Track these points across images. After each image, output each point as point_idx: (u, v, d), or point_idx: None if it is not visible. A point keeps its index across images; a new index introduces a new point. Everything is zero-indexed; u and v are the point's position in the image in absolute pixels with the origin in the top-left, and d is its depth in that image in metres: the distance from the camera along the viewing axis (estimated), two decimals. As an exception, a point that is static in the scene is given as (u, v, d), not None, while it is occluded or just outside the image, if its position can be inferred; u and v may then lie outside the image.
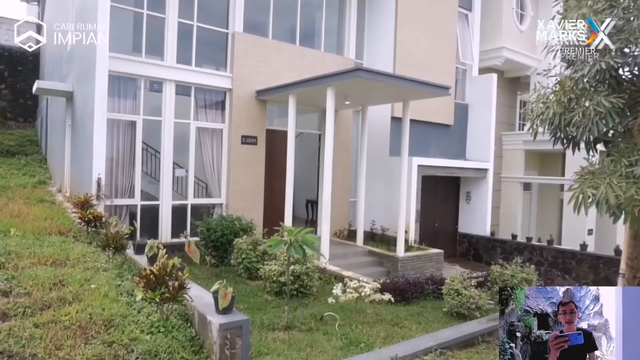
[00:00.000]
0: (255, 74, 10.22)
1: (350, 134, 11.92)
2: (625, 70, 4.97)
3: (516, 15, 15.29)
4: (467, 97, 13.92)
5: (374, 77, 8.25)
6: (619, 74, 4.91)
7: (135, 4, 9.25)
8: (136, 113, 9.20)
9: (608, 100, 4.56)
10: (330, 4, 12.00)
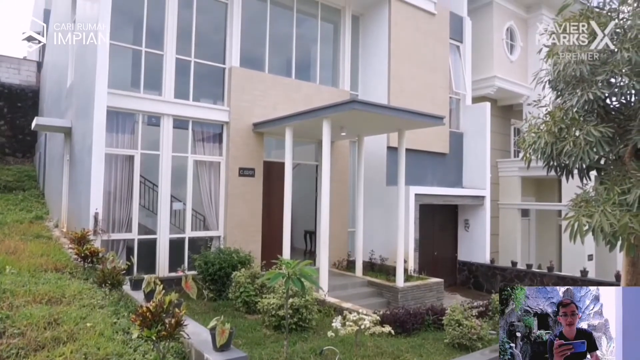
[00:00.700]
0: (252, 107, 10.37)
1: (346, 165, 12.01)
2: (612, 100, 5.09)
3: (506, 45, 15.68)
4: (461, 125, 14.10)
5: (368, 108, 8.38)
6: (606, 104, 5.03)
7: (134, 42, 9.47)
8: (134, 147, 9.27)
9: (597, 129, 4.65)
10: (325, 38, 12.31)
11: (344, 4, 12.33)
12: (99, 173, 8.29)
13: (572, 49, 4.82)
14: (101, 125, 8.31)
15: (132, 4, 9.48)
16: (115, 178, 9.07)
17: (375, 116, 8.80)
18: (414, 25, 12.54)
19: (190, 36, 9.98)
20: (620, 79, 4.73)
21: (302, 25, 11.92)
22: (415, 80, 12.42)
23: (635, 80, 4.54)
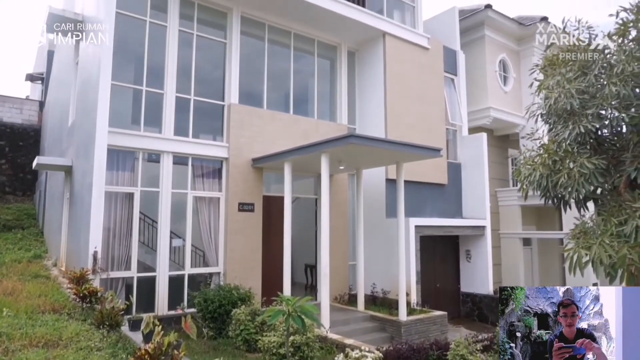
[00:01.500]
0: (251, 143, 10.49)
1: (346, 197, 12.04)
2: (604, 131, 5.18)
3: (500, 77, 15.99)
4: (459, 156, 14.22)
5: (366, 142, 8.49)
6: (598, 136, 5.11)
7: (134, 81, 9.67)
8: (134, 185, 9.33)
9: (590, 161, 4.72)
10: (322, 73, 12.58)
11: (340, 41, 12.67)
12: (98, 211, 8.31)
13: (562, 84, 4.95)
14: (102, 164, 8.39)
15: (133, 44, 9.73)
16: (114, 215, 9.08)
17: (373, 149, 8.90)
18: (408, 60, 12.84)
19: (190, 74, 10.20)
20: (610, 112, 4.83)
21: (300, 61, 12.21)
22: (411, 113, 12.61)
23: (624, 113, 4.64)
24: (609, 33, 5.03)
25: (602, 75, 4.90)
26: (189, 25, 10.28)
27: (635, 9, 4.89)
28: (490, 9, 15.01)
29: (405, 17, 13.68)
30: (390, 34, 12.46)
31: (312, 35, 12.14)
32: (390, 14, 13.16)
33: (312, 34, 12.11)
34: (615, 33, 5.00)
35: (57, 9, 10.50)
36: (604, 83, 4.85)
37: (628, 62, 4.61)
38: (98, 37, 8.73)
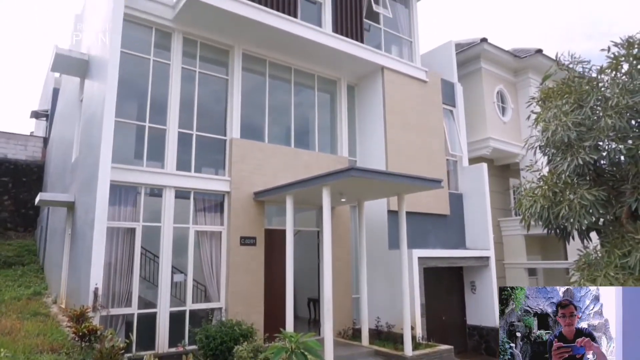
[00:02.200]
0: (252, 177, 10.55)
1: (348, 230, 12.00)
2: (602, 162, 5.22)
3: (498, 108, 16.21)
4: (460, 186, 14.24)
5: (367, 175, 8.53)
6: (597, 167, 5.14)
7: (138, 117, 9.82)
8: (136, 220, 9.33)
9: (591, 193, 4.74)
10: (322, 107, 12.77)
11: (339, 75, 12.92)
12: (100, 247, 8.27)
13: (558, 116, 5.02)
14: (104, 200, 8.41)
15: (137, 81, 9.92)
16: (116, 251, 9.04)
17: (374, 182, 8.94)
18: (407, 92, 13.06)
19: (192, 110, 10.36)
20: (608, 144, 4.88)
21: (300, 95, 12.42)
22: (411, 145, 12.72)
23: (622, 145, 4.69)
24: (602, 67, 5.14)
25: (598, 107, 4.99)
26: (191, 63, 10.53)
27: (625, 43, 5.02)
28: (486, 42, 15.37)
29: (403, 52, 14.00)
30: (388, 68, 12.72)
31: (312, 70, 12.41)
32: (388, 49, 13.48)
33: (312, 69, 12.38)
34: (608, 67, 5.11)
35: (64, 50, 10.79)
36: (600, 115, 4.93)
37: (622, 95, 4.70)
38: (103, 75, 8.93)
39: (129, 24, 9.46)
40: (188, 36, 10.45)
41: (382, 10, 13.32)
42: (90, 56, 10.80)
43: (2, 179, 18.87)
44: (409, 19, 14.26)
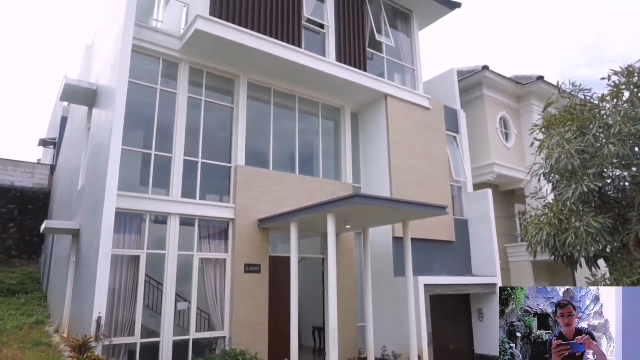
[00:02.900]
0: (257, 203, 10.57)
1: (352, 257, 11.91)
2: (607, 189, 5.21)
3: (501, 133, 16.29)
4: (465, 212, 14.19)
5: (371, 202, 8.54)
6: (602, 194, 5.13)
7: (144, 145, 9.93)
8: (140, 247, 9.32)
9: (596, 220, 4.72)
10: (326, 134, 12.89)
11: (343, 103, 13.09)
12: (104, 275, 8.23)
13: (561, 144, 5.05)
14: (109, 227, 8.42)
15: (143, 110, 10.06)
16: (120, 279, 9.00)
17: (379, 208, 8.93)
18: (410, 119, 13.18)
19: (197, 138, 10.48)
20: (612, 171, 4.89)
21: (304, 123, 12.56)
22: (415, 171, 12.75)
23: (626, 172, 4.70)
24: (603, 95, 5.20)
25: (600, 134, 5.02)
26: (197, 92, 10.71)
27: (625, 71, 5.09)
28: (487, 69, 15.58)
29: (406, 79, 14.20)
30: (391, 96, 12.88)
31: (316, 98, 12.58)
32: (391, 77, 13.68)
33: (316, 96, 12.55)
34: (609, 94, 5.17)
35: (73, 80, 11.02)
36: (603, 142, 4.95)
37: (624, 123, 4.73)
38: (111, 104, 9.09)
39: (137, 55, 9.68)
40: (194, 66, 10.67)
41: (385, 40, 13.58)
42: (99, 85, 11.01)
43: (8, 207, 18.98)
44: (411, 47, 14.51)
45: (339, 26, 12.46)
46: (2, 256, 17.88)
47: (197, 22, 9.66)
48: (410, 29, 14.64)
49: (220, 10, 10.18)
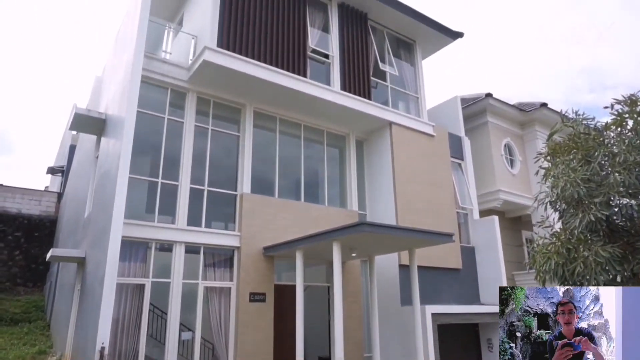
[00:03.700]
0: (262, 231, 10.56)
1: (359, 285, 11.78)
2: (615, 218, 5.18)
3: (506, 160, 16.31)
4: (471, 240, 14.08)
5: (377, 230, 8.51)
6: (610, 222, 5.10)
7: (150, 174, 10.02)
8: (145, 276, 9.29)
9: (605, 250, 4.67)
10: (331, 161, 12.96)
11: (348, 131, 13.20)
12: (108, 304, 8.17)
13: (567, 172, 5.06)
14: (115, 256, 8.40)
15: (151, 139, 10.21)
16: (124, 308, 8.94)
17: (385, 237, 8.89)
18: (415, 147, 13.25)
19: (204, 166, 10.57)
20: (618, 199, 4.88)
21: (310, 150, 12.65)
22: (421, 198, 12.74)
23: (633, 201, 4.68)
24: (607, 124, 5.24)
25: (605, 163, 5.03)
26: (204, 121, 10.87)
27: (628, 101, 5.13)
28: (491, 97, 15.73)
29: (410, 107, 14.35)
30: (396, 124, 12.99)
31: (322, 126, 12.71)
32: (396, 105, 13.84)
33: (321, 125, 12.69)
34: (612, 123, 5.20)
35: (83, 109, 11.23)
36: (609, 171, 4.95)
37: (629, 152, 4.75)
38: (119, 134, 9.23)
39: (146, 85, 9.88)
40: (202, 95, 10.86)
41: (389, 69, 13.81)
42: (108, 115, 11.20)
43: (15, 234, 19.05)
44: (414, 76, 14.72)
45: (343, 56, 12.70)
46: (7, 284, 17.83)
47: (204, 53, 9.89)
48: (413, 58, 14.89)
49: (228, 41, 10.43)
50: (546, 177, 5.48)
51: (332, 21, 12.85)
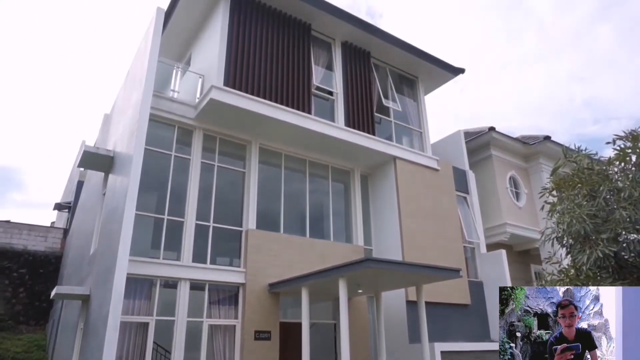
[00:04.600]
0: (267, 268, 10.48)
1: (365, 322, 11.57)
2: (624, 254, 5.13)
3: (512, 193, 16.27)
4: (479, 274, 13.89)
5: (383, 266, 8.44)
6: (619, 258, 5.05)
7: (157, 210, 10.08)
8: (149, 314, 9.18)
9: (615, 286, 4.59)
10: (337, 196, 12.98)
11: (353, 166, 13.29)
12: (112, 344, 8.04)
13: (572, 208, 5.05)
14: (120, 294, 8.34)
15: (158, 176, 10.31)
16: (127, 347, 8.80)
17: (391, 273, 8.81)
18: (420, 181, 13.28)
19: (210, 202, 10.62)
20: (625, 235, 4.84)
21: (315, 186, 12.71)
22: (427, 232, 12.66)
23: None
24: (610, 159, 5.27)
25: (611, 198, 5.02)
26: (210, 157, 11.00)
27: (630, 136, 5.18)
28: (494, 130, 15.86)
29: (414, 141, 14.48)
30: (400, 158, 13.08)
31: (326, 161, 12.82)
32: (399, 139, 13.97)
33: (326, 160, 12.80)
34: (615, 158, 5.23)
35: (91, 147, 11.42)
36: (614, 207, 4.95)
37: (634, 187, 4.75)
38: (126, 171, 9.34)
39: (154, 123, 10.08)
40: (208, 132, 11.04)
41: (392, 105, 14.03)
42: (116, 152, 11.37)
43: (19, 271, 18.98)
44: (417, 111, 14.92)
45: (347, 93, 12.94)
46: (10, 322, 17.62)
47: (211, 92, 10.13)
48: (416, 94, 15.14)
49: (234, 80, 10.69)
50: (552, 212, 5.47)
51: (336, 59, 13.17)
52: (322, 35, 13.15)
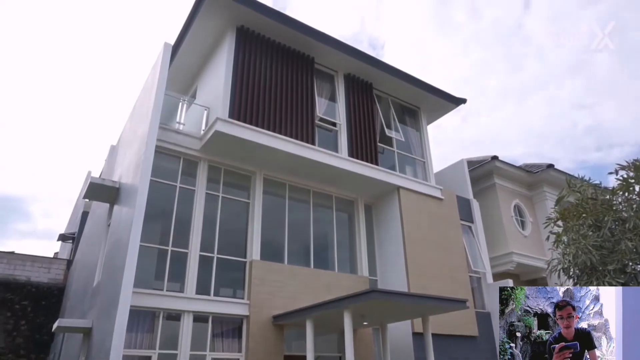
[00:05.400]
0: (271, 299, 10.38)
1: (371, 354, 11.34)
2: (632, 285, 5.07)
3: (517, 222, 16.19)
4: (487, 305, 13.68)
5: (389, 297, 8.35)
6: (627, 290, 4.99)
7: (160, 241, 10.07)
8: (152, 348, 9.05)
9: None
10: (341, 226, 12.96)
11: (356, 196, 13.32)
12: (113, 380, 7.92)
13: (577, 239, 5.04)
14: (122, 328, 8.24)
15: (162, 207, 10.36)
16: (129, 383, 8.64)
17: (397, 304, 8.70)
18: (424, 211, 13.26)
19: (214, 233, 10.62)
20: (632, 266, 4.81)
21: (319, 216, 12.70)
22: (432, 262, 12.56)
23: (648, 267, 4.62)
24: (614, 189, 5.28)
25: (616, 228, 5.01)
26: (215, 188, 11.07)
27: (632, 166, 5.21)
28: (497, 159, 15.93)
29: (417, 171, 14.54)
30: (404, 188, 13.11)
31: (330, 191, 12.86)
32: (403, 169, 14.03)
33: (330, 190, 12.84)
34: (619, 188, 5.25)
35: (97, 179, 11.52)
36: (620, 237, 4.93)
37: (639, 218, 4.75)
38: (132, 202, 9.40)
39: (159, 154, 10.17)
40: (213, 164, 11.15)
41: (395, 135, 14.16)
42: (121, 184, 11.46)
43: (22, 303, 18.81)
44: (420, 141, 15.04)
45: (350, 124, 13.09)
46: (10, 356, 17.36)
47: (217, 124, 10.28)
48: (418, 124, 15.30)
49: (239, 112, 10.87)
50: (557, 243, 5.45)
51: (339, 91, 13.40)
52: (325, 67, 13.42)
